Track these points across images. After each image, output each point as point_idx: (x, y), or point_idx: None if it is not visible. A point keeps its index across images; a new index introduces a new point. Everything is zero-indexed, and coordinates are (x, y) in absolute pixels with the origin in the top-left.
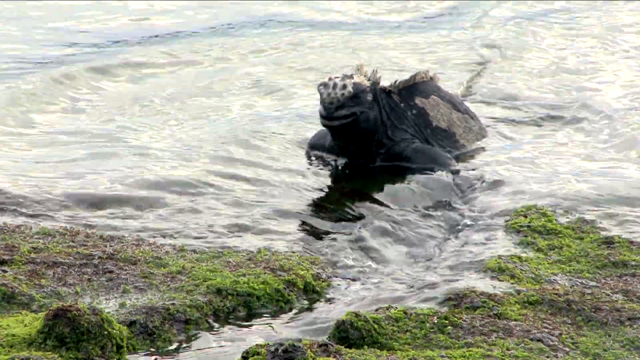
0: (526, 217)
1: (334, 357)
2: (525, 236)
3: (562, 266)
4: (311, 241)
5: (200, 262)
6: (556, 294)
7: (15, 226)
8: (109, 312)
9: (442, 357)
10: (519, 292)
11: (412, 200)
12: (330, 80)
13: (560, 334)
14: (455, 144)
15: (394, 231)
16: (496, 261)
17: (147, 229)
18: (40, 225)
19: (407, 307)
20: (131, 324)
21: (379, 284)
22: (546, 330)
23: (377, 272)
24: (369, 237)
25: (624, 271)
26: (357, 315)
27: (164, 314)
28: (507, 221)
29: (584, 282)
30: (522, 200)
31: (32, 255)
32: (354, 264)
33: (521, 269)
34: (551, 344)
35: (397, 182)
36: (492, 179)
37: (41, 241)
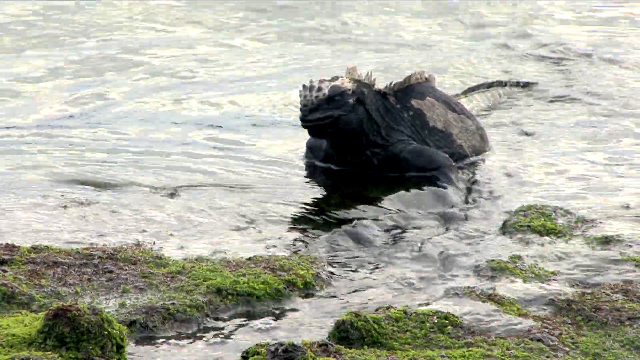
0: (526, 217)
1: (334, 357)
2: (525, 236)
3: (562, 266)
4: (311, 241)
5: (200, 262)
6: (556, 294)
7: None
8: (109, 312)
9: (442, 357)
10: (519, 292)
11: (411, 200)
12: (310, 82)
13: (560, 334)
14: (452, 144)
15: (393, 231)
16: (496, 261)
17: (147, 229)
18: None
19: (407, 307)
20: (131, 324)
21: (379, 284)
22: (546, 330)
23: (377, 272)
24: (369, 237)
25: (624, 271)
26: (357, 315)
27: (164, 314)
28: (507, 221)
29: (584, 281)
30: (522, 200)
31: (32, 255)
32: (354, 264)
33: (521, 269)
34: (551, 344)
35: (395, 183)
36: (492, 178)
37: None
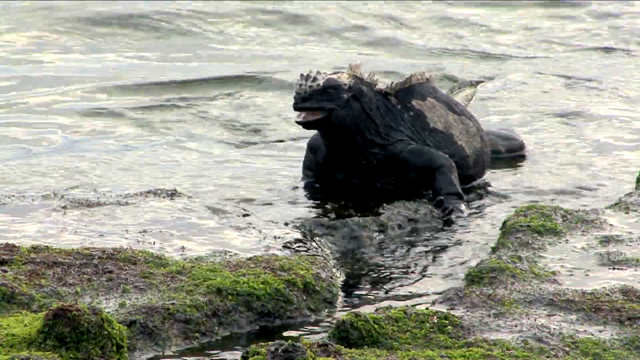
0: (526, 217)
1: (334, 357)
2: (525, 236)
3: (562, 266)
4: (311, 241)
5: (200, 262)
6: (556, 294)
7: None
8: (109, 312)
9: (442, 357)
10: (519, 292)
11: (411, 201)
12: (310, 72)
13: (560, 334)
14: (453, 146)
15: (393, 231)
16: (496, 261)
17: (147, 229)
18: None
19: (407, 307)
20: (131, 324)
21: (378, 284)
22: (546, 330)
23: (377, 272)
24: (369, 237)
25: (624, 271)
26: (357, 315)
27: (164, 314)
28: (507, 221)
29: (584, 282)
30: (522, 200)
31: (32, 255)
32: (353, 264)
33: (521, 269)
34: (551, 343)
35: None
36: (491, 178)
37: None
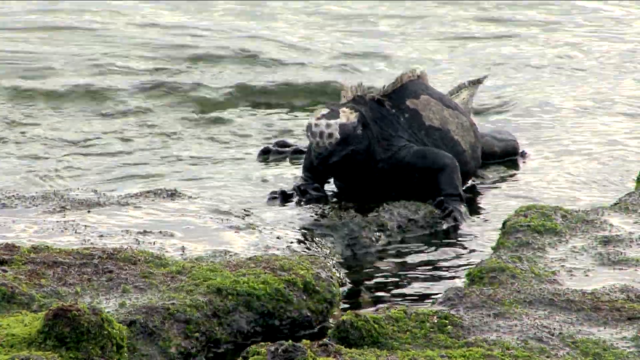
0: (526, 216)
1: (334, 357)
2: (525, 236)
3: (562, 266)
4: (312, 241)
5: (200, 262)
6: (556, 294)
7: None
8: (109, 312)
9: (442, 357)
10: (519, 292)
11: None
12: (316, 126)
13: (560, 334)
14: (450, 142)
15: (393, 231)
16: (496, 261)
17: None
18: None
19: (407, 307)
20: (131, 324)
21: (378, 284)
22: (546, 330)
23: (377, 272)
24: (370, 237)
25: (624, 270)
26: (357, 315)
27: (164, 314)
28: (507, 221)
29: (584, 281)
30: (522, 199)
31: (32, 255)
32: (353, 264)
33: (521, 269)
34: (551, 343)
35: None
36: (492, 178)
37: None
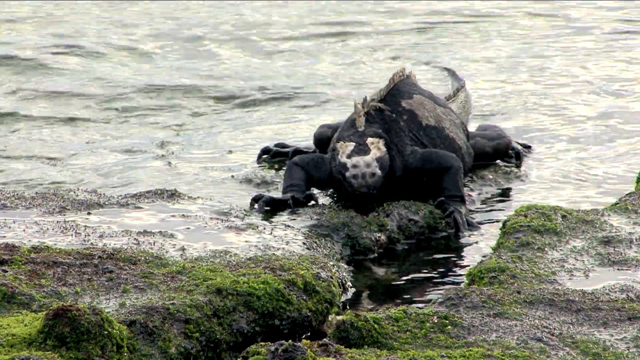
0: (526, 217)
1: (334, 357)
2: (525, 236)
3: (562, 266)
4: (312, 241)
5: (200, 262)
6: (556, 294)
7: None
8: (109, 312)
9: (442, 357)
10: (519, 292)
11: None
12: (355, 167)
13: (560, 334)
14: (446, 140)
15: (394, 231)
16: (496, 261)
17: (148, 229)
18: None
19: (407, 307)
20: (131, 324)
21: (379, 284)
22: (546, 330)
23: (377, 272)
24: (370, 237)
25: (624, 270)
26: (357, 315)
27: (164, 314)
28: (507, 221)
29: (584, 281)
30: (523, 200)
31: (32, 255)
32: (354, 264)
33: (521, 269)
34: (551, 343)
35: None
36: (492, 178)
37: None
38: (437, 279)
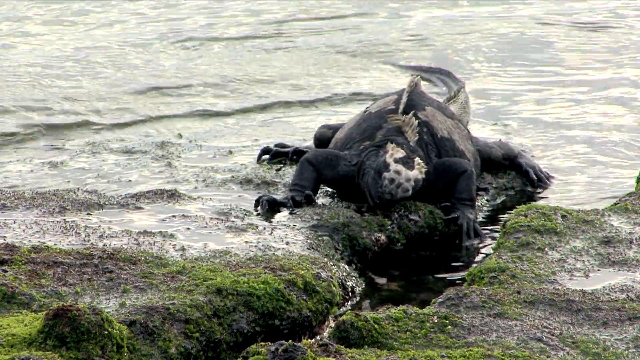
0: (526, 216)
1: (334, 357)
2: (525, 236)
3: (562, 266)
4: (312, 241)
5: (200, 262)
6: (556, 294)
7: None
8: (109, 312)
9: (442, 356)
10: (519, 292)
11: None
12: (396, 173)
13: (560, 334)
14: (458, 153)
15: (394, 231)
16: (496, 261)
17: (148, 228)
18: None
19: (407, 307)
20: (131, 324)
21: (379, 284)
22: (546, 330)
23: (377, 272)
24: (370, 237)
25: (624, 270)
26: (357, 315)
27: (164, 314)
28: (507, 221)
29: (584, 281)
30: (523, 200)
31: (32, 255)
32: (354, 264)
33: (521, 269)
34: (551, 343)
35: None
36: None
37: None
38: (437, 279)
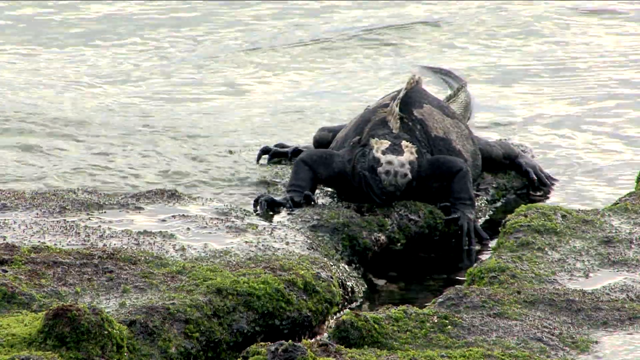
0: (526, 217)
1: (334, 357)
2: (525, 236)
3: (562, 266)
4: (312, 241)
5: (200, 262)
6: (556, 294)
7: None
8: (109, 312)
9: (442, 356)
10: (519, 292)
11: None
12: (389, 164)
13: (560, 334)
14: (453, 152)
15: (394, 231)
16: (496, 261)
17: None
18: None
19: (407, 307)
20: (131, 324)
21: (379, 284)
22: (546, 330)
23: (377, 272)
24: (370, 237)
25: (624, 270)
26: (357, 315)
27: (164, 314)
28: (507, 221)
29: (584, 281)
30: (523, 200)
31: (32, 255)
32: (354, 264)
33: (521, 269)
34: (551, 343)
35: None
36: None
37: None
38: (437, 279)
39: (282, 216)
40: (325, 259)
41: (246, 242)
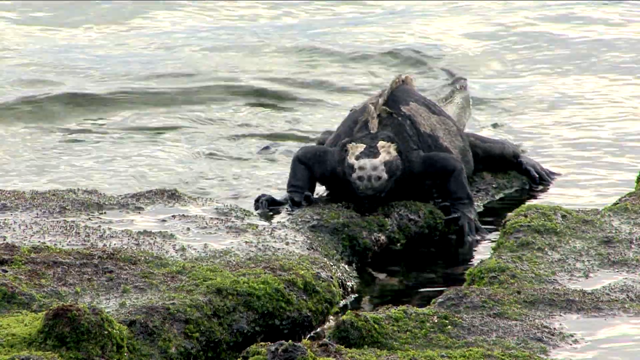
0: (526, 217)
1: (334, 357)
2: (525, 236)
3: (562, 266)
4: (312, 241)
5: (200, 262)
6: (556, 294)
7: None
8: (109, 312)
9: (442, 356)
10: (519, 292)
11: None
12: (361, 169)
13: (560, 334)
14: (440, 148)
15: (394, 231)
16: (496, 261)
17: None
18: None
19: (407, 307)
20: (131, 324)
21: (378, 284)
22: (546, 330)
23: (377, 272)
24: (370, 237)
25: (624, 270)
26: (357, 315)
27: (164, 314)
28: (507, 221)
29: (584, 281)
30: (523, 199)
31: (32, 255)
32: (354, 264)
33: (521, 269)
34: (551, 344)
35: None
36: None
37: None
38: (437, 279)
39: (282, 216)
40: (325, 259)
41: (246, 242)
